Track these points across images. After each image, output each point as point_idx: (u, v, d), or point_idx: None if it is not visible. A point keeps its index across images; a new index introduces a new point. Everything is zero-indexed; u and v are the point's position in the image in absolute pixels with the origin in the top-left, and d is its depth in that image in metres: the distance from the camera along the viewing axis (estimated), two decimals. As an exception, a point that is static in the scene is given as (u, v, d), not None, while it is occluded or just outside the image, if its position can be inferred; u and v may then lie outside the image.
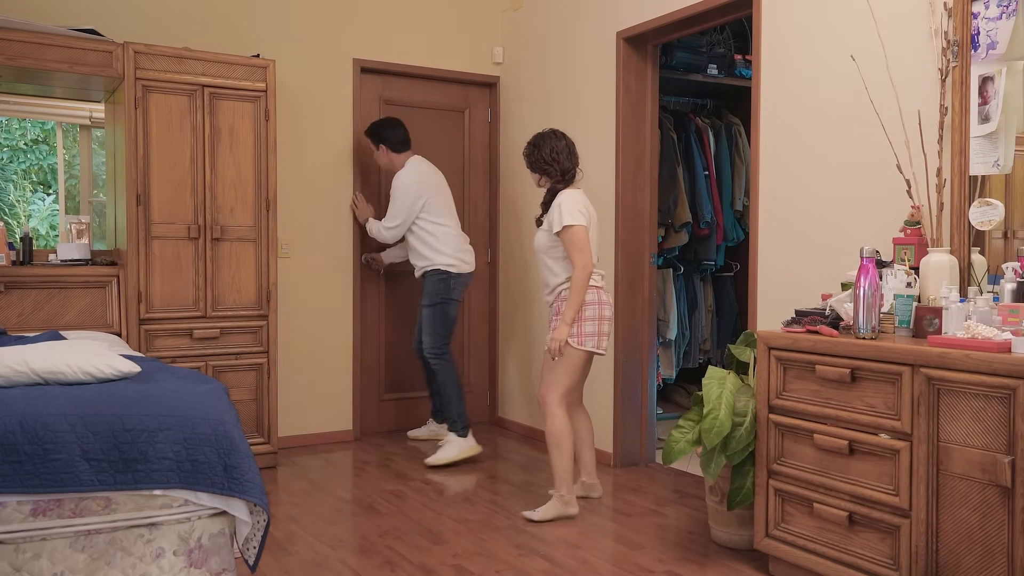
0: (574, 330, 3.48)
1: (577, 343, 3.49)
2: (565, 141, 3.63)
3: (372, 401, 5.11)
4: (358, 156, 4.96)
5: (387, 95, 5.05)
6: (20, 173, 6.66)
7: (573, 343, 3.49)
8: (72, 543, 2.17)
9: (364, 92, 4.97)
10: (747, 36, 5.08)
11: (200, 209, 4.12)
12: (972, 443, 2.26)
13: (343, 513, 3.64)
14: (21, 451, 2.11)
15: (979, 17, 2.75)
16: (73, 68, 3.82)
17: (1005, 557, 2.19)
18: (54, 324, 3.79)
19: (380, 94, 5.02)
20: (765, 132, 3.57)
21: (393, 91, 5.07)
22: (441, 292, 4.50)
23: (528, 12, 5.13)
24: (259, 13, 4.67)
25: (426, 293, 4.54)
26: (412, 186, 4.47)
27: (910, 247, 2.84)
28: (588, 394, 4.57)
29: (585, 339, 3.51)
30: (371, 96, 4.98)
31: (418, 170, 4.54)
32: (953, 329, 2.47)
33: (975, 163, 2.75)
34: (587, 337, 3.51)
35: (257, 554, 2.36)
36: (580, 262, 3.44)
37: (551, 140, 3.62)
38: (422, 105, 5.15)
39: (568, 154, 3.61)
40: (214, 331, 4.15)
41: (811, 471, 2.71)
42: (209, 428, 2.29)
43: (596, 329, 3.53)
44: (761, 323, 3.55)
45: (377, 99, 5.01)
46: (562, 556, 3.12)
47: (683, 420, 3.14)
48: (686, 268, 5.17)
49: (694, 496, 3.86)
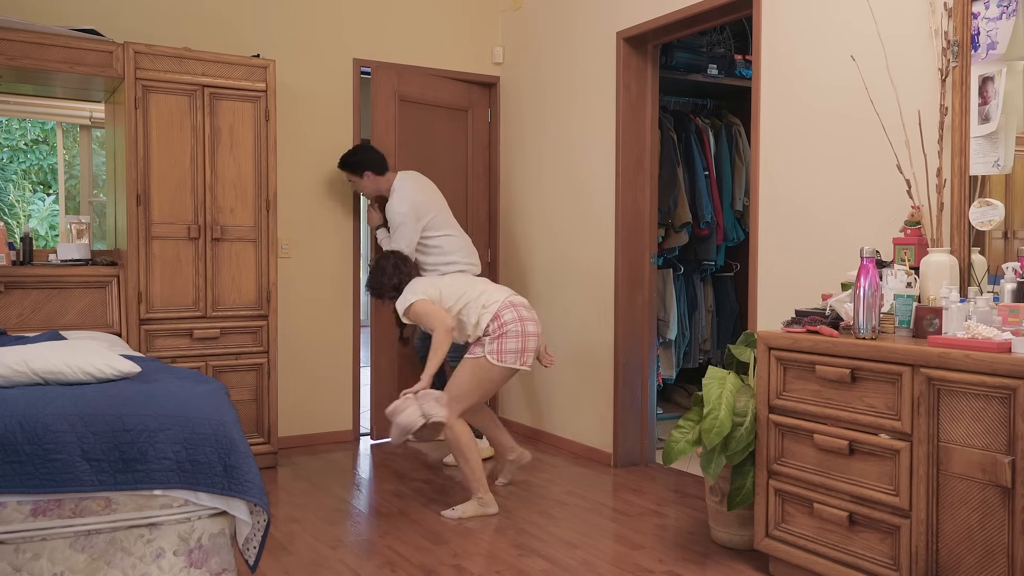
0: (494, 347, 3.57)
1: (497, 360, 3.57)
2: (393, 260, 3.87)
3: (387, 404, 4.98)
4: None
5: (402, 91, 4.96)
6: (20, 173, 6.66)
7: (493, 360, 3.57)
8: (72, 543, 2.17)
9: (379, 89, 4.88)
10: (747, 36, 5.09)
11: (200, 209, 4.12)
12: (972, 443, 2.26)
13: (343, 513, 3.64)
14: (21, 451, 2.11)
15: (979, 17, 2.75)
16: (73, 68, 3.82)
17: (1005, 557, 2.19)
18: (54, 324, 3.79)
19: (396, 90, 4.94)
20: (765, 132, 3.58)
21: (405, 88, 4.99)
22: None
23: (528, 12, 5.13)
24: (259, 13, 4.67)
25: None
26: (409, 213, 4.33)
27: (910, 247, 2.84)
28: (588, 394, 4.57)
29: (506, 355, 3.57)
30: (387, 93, 4.89)
31: (410, 192, 4.40)
32: (953, 329, 2.47)
33: (975, 163, 2.75)
34: (507, 354, 3.57)
35: (257, 554, 2.36)
36: (431, 324, 3.60)
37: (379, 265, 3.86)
38: (433, 103, 5.09)
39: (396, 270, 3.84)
40: (214, 331, 4.15)
41: (811, 471, 2.71)
42: (209, 428, 2.29)
43: (519, 346, 3.58)
44: (761, 323, 3.55)
45: (394, 95, 4.92)
46: (562, 556, 3.13)
47: (683, 420, 3.14)
48: (686, 268, 5.17)
49: (694, 496, 3.86)
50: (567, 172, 4.76)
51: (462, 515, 3.59)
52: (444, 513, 3.61)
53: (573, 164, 4.71)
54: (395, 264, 3.87)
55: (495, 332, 3.58)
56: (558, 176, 4.83)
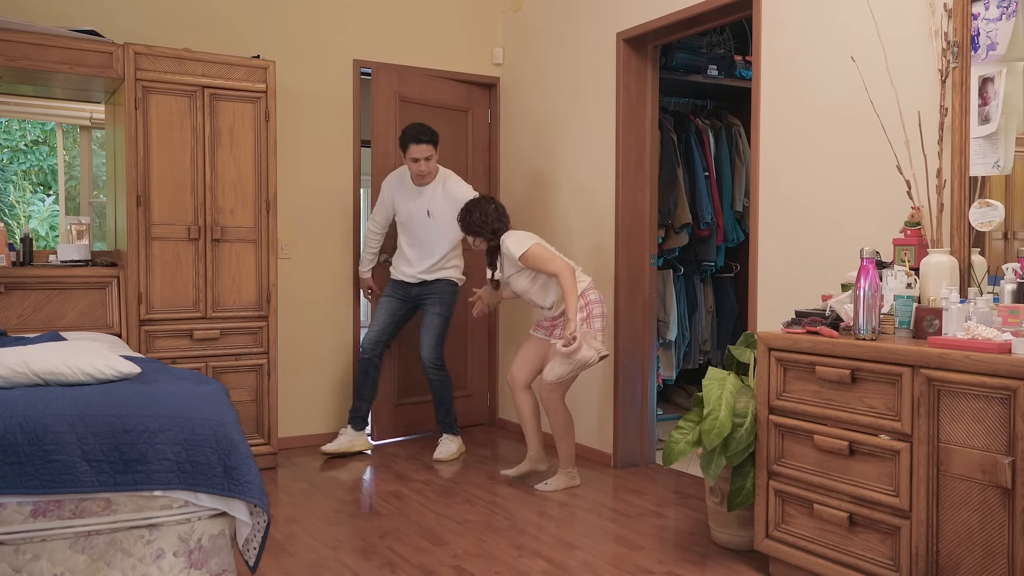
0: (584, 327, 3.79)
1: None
2: (494, 204, 4.06)
3: (388, 406, 4.98)
4: (358, 157, 4.96)
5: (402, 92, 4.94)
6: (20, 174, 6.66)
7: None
8: (72, 544, 2.17)
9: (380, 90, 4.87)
10: (747, 37, 5.08)
11: (200, 210, 4.12)
12: (972, 444, 2.26)
13: (343, 514, 3.64)
14: (21, 452, 2.11)
15: (979, 18, 2.75)
16: (73, 69, 3.82)
17: (1005, 558, 2.19)
18: (54, 325, 3.79)
19: (396, 90, 4.92)
20: (765, 133, 3.58)
21: (405, 89, 4.97)
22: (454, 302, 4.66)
23: (528, 13, 5.13)
24: (259, 14, 4.68)
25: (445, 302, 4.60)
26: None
27: (910, 248, 2.84)
28: (588, 395, 4.57)
29: (596, 335, 3.81)
30: (387, 94, 4.87)
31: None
32: (953, 330, 2.47)
33: (975, 164, 2.75)
34: (597, 333, 3.81)
35: (257, 555, 2.36)
36: (556, 268, 3.80)
37: (481, 205, 4.04)
38: (434, 103, 5.06)
39: (497, 215, 4.03)
40: (214, 332, 4.15)
41: (811, 472, 2.71)
42: (209, 429, 2.29)
43: (602, 325, 3.87)
44: (761, 324, 3.55)
45: (394, 96, 4.90)
46: (562, 557, 3.12)
47: (683, 421, 3.14)
48: (686, 269, 5.17)
49: (694, 497, 3.86)
50: (567, 173, 4.76)
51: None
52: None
53: (573, 165, 4.71)
54: (496, 208, 4.06)
55: (581, 310, 3.81)
56: (558, 177, 4.83)
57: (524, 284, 3.99)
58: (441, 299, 4.57)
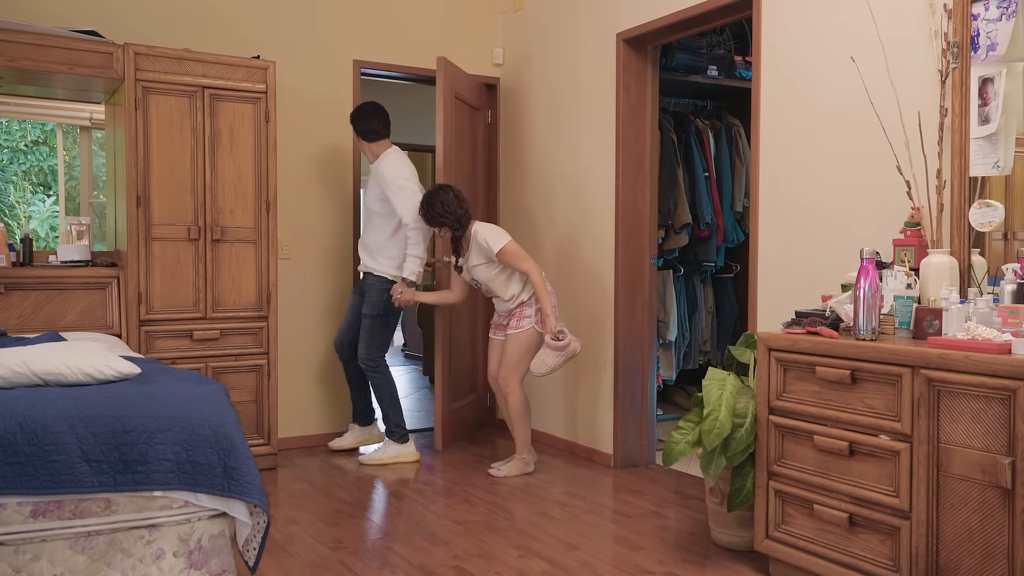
0: (536, 317, 4.09)
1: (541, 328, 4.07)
2: (452, 192, 4.13)
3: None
4: (358, 157, 4.96)
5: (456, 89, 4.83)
6: (20, 174, 6.66)
7: (538, 328, 4.08)
8: (72, 544, 2.17)
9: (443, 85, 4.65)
10: (747, 37, 5.08)
11: (200, 210, 4.12)
12: (972, 444, 2.26)
13: (343, 514, 3.64)
14: (21, 452, 2.11)
15: (979, 18, 2.75)
16: (73, 70, 3.82)
17: (1005, 559, 2.19)
18: (54, 325, 3.79)
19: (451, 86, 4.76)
20: (765, 133, 3.58)
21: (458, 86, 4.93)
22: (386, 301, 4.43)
23: (528, 13, 5.13)
24: (259, 14, 4.68)
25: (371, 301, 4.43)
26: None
27: (910, 248, 2.84)
28: (588, 395, 4.57)
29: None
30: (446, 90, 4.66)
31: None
32: (953, 330, 2.47)
33: (975, 164, 2.75)
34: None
35: (257, 555, 2.36)
36: (529, 267, 4.03)
37: (439, 195, 4.10)
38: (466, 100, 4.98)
39: (458, 203, 4.11)
40: (214, 332, 4.15)
41: (811, 472, 2.71)
42: (209, 429, 2.29)
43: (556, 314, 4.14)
44: (761, 324, 3.55)
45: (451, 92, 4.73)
46: (562, 557, 3.12)
47: (683, 421, 3.14)
48: (686, 269, 5.17)
49: (694, 497, 3.86)
50: (567, 173, 4.76)
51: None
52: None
53: (573, 165, 4.71)
54: (456, 196, 4.13)
55: (532, 302, 4.11)
56: (558, 177, 4.83)
57: (488, 275, 4.15)
58: (368, 298, 4.44)
